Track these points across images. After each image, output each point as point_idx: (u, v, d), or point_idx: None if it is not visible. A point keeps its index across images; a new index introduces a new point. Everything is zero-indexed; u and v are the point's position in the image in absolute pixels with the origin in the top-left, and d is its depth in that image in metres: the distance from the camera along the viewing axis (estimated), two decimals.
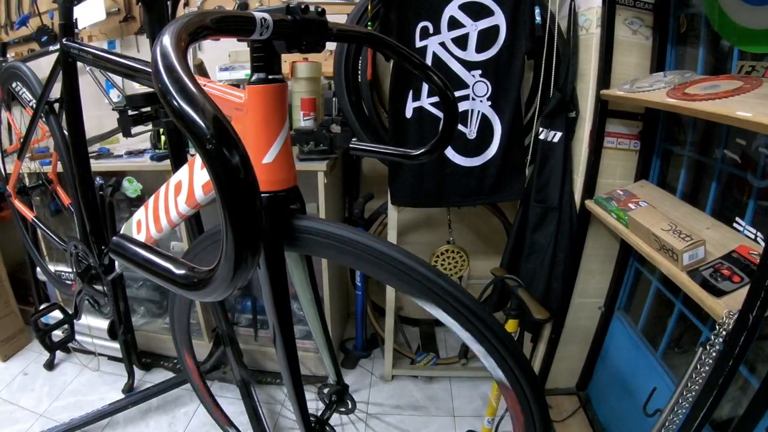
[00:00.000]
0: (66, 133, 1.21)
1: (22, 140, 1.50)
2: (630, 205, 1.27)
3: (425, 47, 1.50)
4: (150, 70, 0.39)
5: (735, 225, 1.09)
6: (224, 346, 1.58)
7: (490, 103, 1.54)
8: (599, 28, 1.33)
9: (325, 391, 1.10)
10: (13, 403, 1.79)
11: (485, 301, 1.66)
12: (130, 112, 1.01)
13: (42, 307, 1.70)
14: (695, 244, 1.01)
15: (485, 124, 1.56)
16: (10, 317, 2.08)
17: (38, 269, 1.97)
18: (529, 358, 1.76)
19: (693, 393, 0.95)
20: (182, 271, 0.47)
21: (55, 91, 1.26)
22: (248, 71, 0.63)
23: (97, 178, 1.55)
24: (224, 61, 1.92)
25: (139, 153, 1.82)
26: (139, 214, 0.93)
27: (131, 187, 1.75)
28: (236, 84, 1.56)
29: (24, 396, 1.82)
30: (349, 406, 1.11)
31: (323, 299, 1.78)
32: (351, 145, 0.96)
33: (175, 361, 2.02)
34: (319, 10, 0.61)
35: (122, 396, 1.79)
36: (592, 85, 1.38)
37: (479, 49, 1.50)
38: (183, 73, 0.38)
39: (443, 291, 0.63)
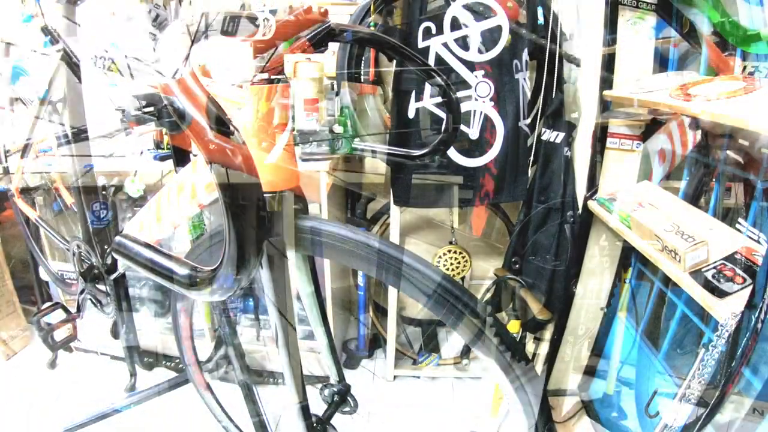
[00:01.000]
0: (69, 132, 1.21)
1: (25, 140, 1.50)
2: (632, 205, 1.27)
3: (428, 48, 1.50)
4: None
5: (737, 226, 1.09)
6: (226, 345, 1.58)
7: (492, 103, 1.54)
8: (602, 29, 1.33)
9: (327, 391, 1.10)
10: (15, 402, 1.79)
11: (487, 302, 1.66)
12: (132, 112, 1.01)
13: (44, 306, 1.71)
14: (698, 245, 1.00)
15: (487, 125, 1.55)
16: (13, 316, 2.09)
17: (41, 268, 1.98)
18: (531, 358, 1.75)
19: (695, 394, 0.95)
20: (185, 271, 0.47)
21: (58, 91, 1.26)
22: None
23: (100, 178, 1.56)
24: None
25: (142, 153, 1.82)
26: (142, 213, 0.93)
27: (134, 187, 1.75)
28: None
29: (25, 395, 1.83)
30: (351, 406, 1.11)
31: (325, 299, 1.78)
32: (353, 146, 0.96)
33: (178, 360, 2.02)
34: (322, 10, 0.61)
35: (124, 395, 1.79)
36: (595, 86, 1.37)
37: (482, 49, 1.50)
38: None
39: (445, 291, 0.63)
